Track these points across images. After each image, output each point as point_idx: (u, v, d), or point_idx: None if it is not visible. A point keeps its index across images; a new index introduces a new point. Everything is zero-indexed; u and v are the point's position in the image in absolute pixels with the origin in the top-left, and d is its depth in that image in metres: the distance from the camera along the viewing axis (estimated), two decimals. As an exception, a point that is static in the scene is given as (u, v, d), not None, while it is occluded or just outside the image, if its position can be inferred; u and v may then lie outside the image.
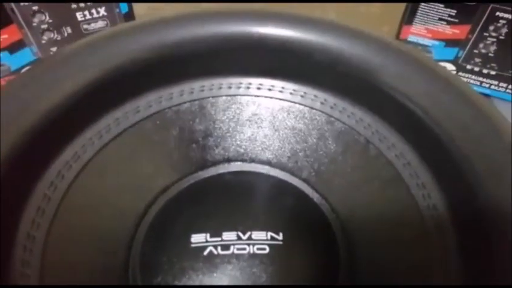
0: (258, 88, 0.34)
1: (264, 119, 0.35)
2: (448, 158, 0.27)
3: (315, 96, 0.33)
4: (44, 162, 0.28)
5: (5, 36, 0.53)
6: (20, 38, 0.54)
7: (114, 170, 0.31)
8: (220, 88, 0.34)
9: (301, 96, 0.34)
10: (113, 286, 0.28)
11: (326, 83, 0.32)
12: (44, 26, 0.54)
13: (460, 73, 0.58)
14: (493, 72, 0.56)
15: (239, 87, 0.34)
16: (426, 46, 0.58)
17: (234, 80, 0.34)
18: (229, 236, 0.30)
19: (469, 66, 0.57)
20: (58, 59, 0.28)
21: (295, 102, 0.34)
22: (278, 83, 0.34)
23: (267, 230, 0.30)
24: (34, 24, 0.53)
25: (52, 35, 0.55)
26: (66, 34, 0.55)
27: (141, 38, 0.30)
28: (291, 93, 0.34)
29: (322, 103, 0.33)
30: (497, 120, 0.26)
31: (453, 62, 0.58)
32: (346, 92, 0.32)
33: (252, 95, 0.34)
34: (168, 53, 0.31)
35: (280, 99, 0.34)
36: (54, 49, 0.56)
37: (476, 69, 0.57)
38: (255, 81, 0.34)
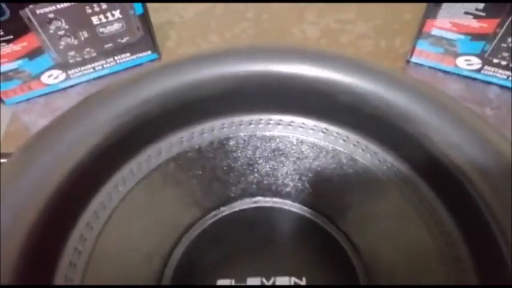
0: (278, 124, 0.34)
1: (284, 154, 0.35)
2: (474, 210, 0.27)
3: (337, 133, 0.33)
4: (73, 216, 0.29)
5: (24, 44, 0.53)
6: (39, 45, 0.54)
7: (139, 214, 0.32)
8: (241, 125, 0.34)
9: (323, 132, 0.33)
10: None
11: (349, 121, 0.32)
12: (61, 32, 0.54)
13: (486, 67, 0.57)
14: (522, 67, 0.54)
15: (259, 124, 0.34)
16: (451, 40, 0.56)
17: (254, 117, 0.34)
18: (253, 282, 0.31)
19: (495, 60, 0.56)
20: (78, 114, 0.28)
21: (316, 138, 0.34)
22: (298, 119, 0.34)
23: (290, 275, 0.31)
24: (51, 31, 0.53)
25: (69, 40, 0.55)
26: (83, 38, 0.55)
27: (160, 83, 0.30)
28: (312, 129, 0.33)
29: (344, 140, 0.33)
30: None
31: (479, 55, 0.56)
32: (369, 131, 0.32)
33: (272, 131, 0.34)
34: (188, 95, 0.31)
35: (301, 135, 0.34)
36: (71, 53, 0.56)
37: (504, 63, 0.56)
38: (275, 117, 0.34)
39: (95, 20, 0.54)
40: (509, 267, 0.25)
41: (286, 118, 0.34)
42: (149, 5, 0.55)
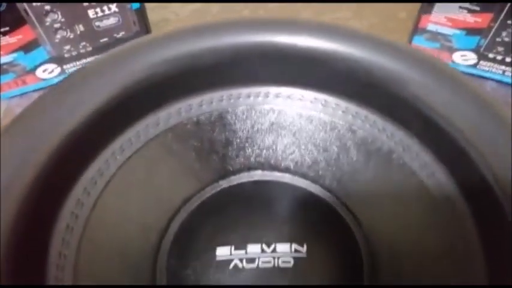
0: (277, 96, 0.34)
1: (283, 127, 0.34)
2: (472, 167, 0.26)
3: (336, 104, 0.33)
4: (71, 180, 0.28)
5: (19, 36, 0.53)
6: (34, 37, 0.54)
7: (137, 183, 0.32)
8: (239, 98, 0.34)
9: (322, 104, 0.33)
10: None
11: (347, 91, 0.32)
12: (57, 25, 0.54)
13: (482, 62, 0.57)
14: (517, 61, 0.54)
15: (258, 96, 0.34)
16: (446, 35, 0.57)
17: (253, 90, 0.34)
18: (253, 248, 0.30)
19: (491, 55, 0.56)
20: (78, 79, 0.28)
21: (315, 111, 0.33)
22: (297, 91, 0.33)
23: (291, 242, 0.31)
24: (47, 23, 0.53)
25: (65, 34, 0.55)
26: (78, 32, 0.55)
27: (160, 52, 0.30)
28: (311, 102, 0.33)
29: (343, 111, 0.33)
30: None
31: (474, 50, 0.57)
32: (368, 100, 0.32)
33: (270, 104, 0.34)
34: (187, 65, 0.31)
35: (300, 108, 0.34)
36: (67, 47, 0.56)
37: (499, 57, 0.56)
38: (274, 90, 0.34)
39: (91, 13, 0.54)
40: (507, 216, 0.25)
41: (285, 91, 0.34)
42: (146, 4, 0.56)
